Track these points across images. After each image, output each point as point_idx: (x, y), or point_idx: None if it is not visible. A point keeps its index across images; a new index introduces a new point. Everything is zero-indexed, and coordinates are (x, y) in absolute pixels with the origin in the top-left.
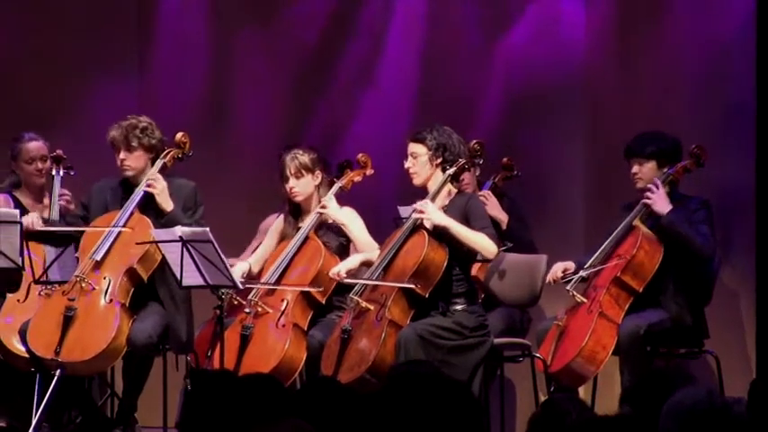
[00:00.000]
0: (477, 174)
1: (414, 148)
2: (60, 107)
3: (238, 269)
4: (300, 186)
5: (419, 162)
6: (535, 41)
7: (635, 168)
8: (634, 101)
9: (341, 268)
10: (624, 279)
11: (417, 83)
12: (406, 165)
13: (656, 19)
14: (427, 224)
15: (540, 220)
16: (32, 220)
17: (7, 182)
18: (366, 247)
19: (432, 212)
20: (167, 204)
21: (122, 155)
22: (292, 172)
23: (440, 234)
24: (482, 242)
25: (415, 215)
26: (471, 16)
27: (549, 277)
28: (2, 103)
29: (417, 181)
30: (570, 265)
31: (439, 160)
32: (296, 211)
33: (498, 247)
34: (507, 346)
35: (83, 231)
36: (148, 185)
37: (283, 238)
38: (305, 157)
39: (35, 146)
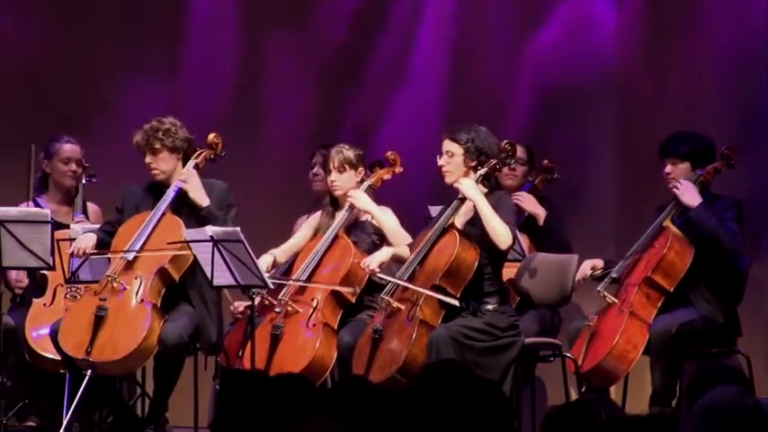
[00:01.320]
0: (517, 171)
1: (449, 146)
2: (91, 108)
3: (262, 263)
4: (342, 181)
5: (454, 161)
6: (566, 41)
7: (668, 168)
8: (664, 101)
9: (373, 261)
10: (655, 279)
11: (448, 81)
12: (440, 162)
13: (687, 19)
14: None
15: (570, 219)
16: (86, 245)
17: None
18: (398, 237)
19: (470, 185)
20: (203, 200)
21: (148, 158)
22: (336, 165)
23: (469, 233)
24: (500, 229)
25: (456, 183)
26: (502, 15)
27: (579, 275)
28: (34, 104)
29: (449, 179)
30: (599, 262)
31: (473, 163)
32: (335, 203)
33: (514, 242)
34: (538, 346)
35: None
36: (181, 180)
37: (318, 230)
38: (350, 153)
39: (72, 148)
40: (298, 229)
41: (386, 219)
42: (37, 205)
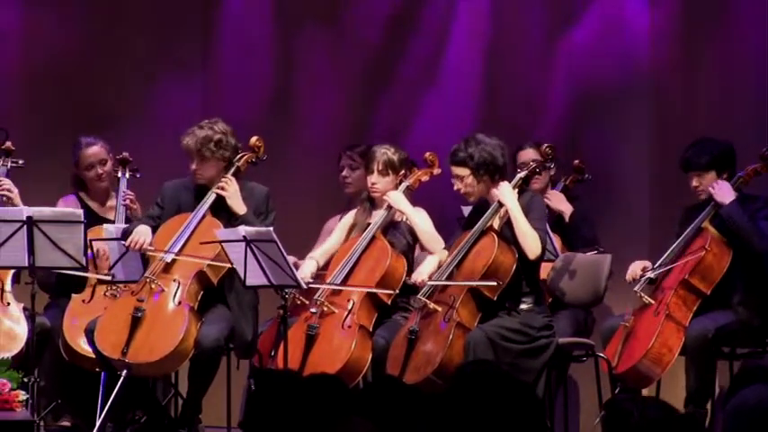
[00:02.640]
0: (551, 172)
1: (457, 170)
2: (126, 107)
3: (308, 269)
4: (382, 184)
5: (467, 183)
6: (599, 41)
7: (695, 182)
8: (698, 101)
9: (422, 274)
10: (692, 281)
11: (480, 82)
12: (455, 188)
13: (720, 20)
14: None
15: (604, 219)
16: (144, 240)
17: (72, 184)
18: (430, 239)
19: (506, 189)
20: (240, 207)
21: (195, 165)
22: (380, 168)
23: (506, 235)
24: (530, 238)
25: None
26: (535, 15)
27: (629, 276)
28: (69, 103)
29: (472, 199)
30: (648, 264)
31: (486, 177)
32: (372, 200)
33: (543, 251)
34: (572, 346)
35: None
36: (220, 188)
37: (353, 227)
38: (395, 156)
39: (92, 151)
40: (327, 230)
41: (419, 220)
42: (79, 199)
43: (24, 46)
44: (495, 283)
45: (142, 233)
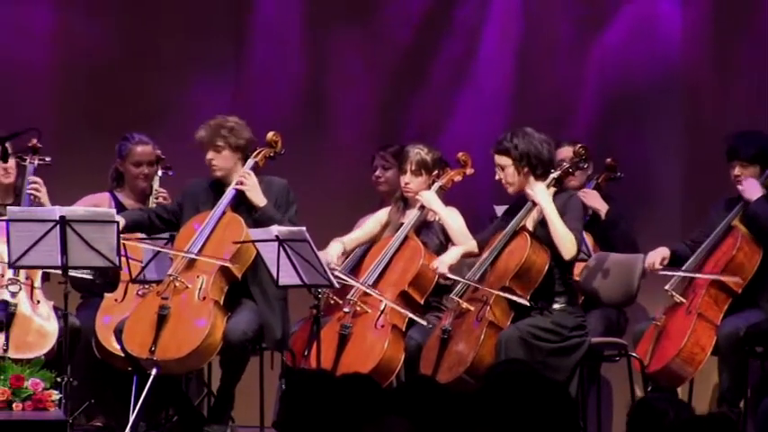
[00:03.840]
0: (588, 172)
1: (499, 159)
2: (158, 107)
3: (333, 250)
4: (415, 184)
5: (508, 173)
6: (631, 41)
7: (737, 170)
8: (729, 101)
9: (442, 264)
10: (723, 280)
11: (513, 82)
12: (497, 177)
13: (752, 19)
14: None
15: (636, 218)
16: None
17: (110, 180)
18: (463, 240)
19: (540, 190)
20: (259, 200)
21: (210, 155)
22: (413, 168)
23: (539, 235)
24: (565, 239)
25: (527, 189)
26: (567, 15)
27: (647, 264)
28: (102, 103)
29: (512, 190)
30: (666, 252)
31: (526, 169)
32: (406, 200)
33: (578, 252)
34: (604, 346)
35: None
36: (239, 182)
37: (387, 225)
38: (428, 156)
39: (144, 150)
40: (359, 227)
41: (452, 220)
42: (114, 198)
43: (56, 46)
44: (526, 303)
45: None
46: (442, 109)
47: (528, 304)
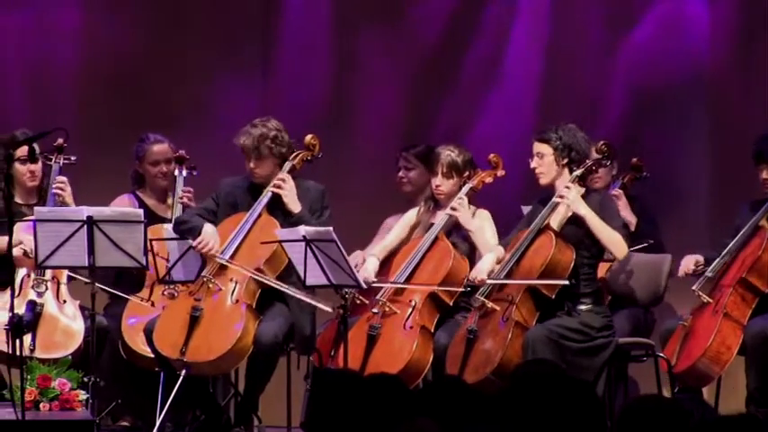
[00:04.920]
0: (614, 172)
1: (539, 147)
2: (187, 108)
3: (371, 266)
4: (446, 185)
5: (545, 162)
6: (659, 41)
7: (765, 174)
8: (757, 100)
9: (481, 272)
10: (750, 279)
11: (541, 81)
12: (532, 164)
13: None
14: (560, 206)
15: (664, 218)
16: (214, 245)
17: (131, 181)
18: (486, 251)
19: (574, 198)
20: (295, 206)
21: (253, 164)
22: (444, 171)
23: (565, 234)
24: (615, 240)
25: (555, 199)
26: (595, 15)
27: (681, 271)
28: (131, 104)
29: (544, 180)
30: (700, 258)
31: (565, 161)
32: (436, 200)
33: (629, 248)
34: (631, 346)
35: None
36: (276, 186)
37: (416, 227)
38: (459, 158)
39: (160, 149)
40: (386, 227)
41: (482, 238)
42: (137, 198)
43: (84, 46)
44: (558, 282)
45: (212, 236)
46: (470, 109)
47: (569, 283)
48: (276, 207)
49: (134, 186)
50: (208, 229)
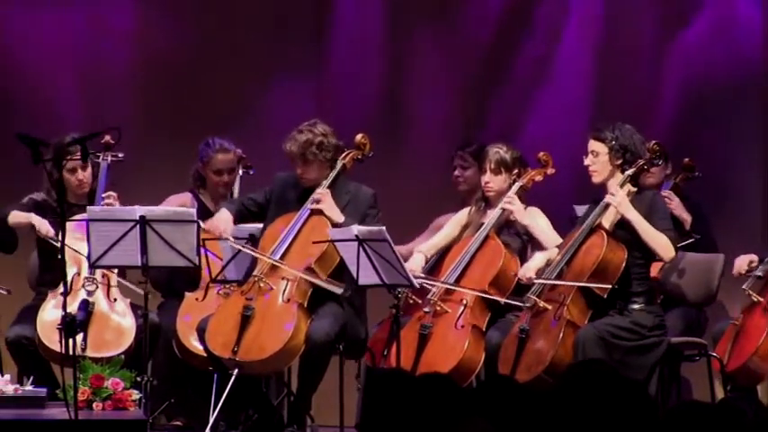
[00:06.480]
0: (667, 171)
1: (594, 145)
2: (242, 107)
3: (416, 263)
4: (496, 183)
5: (599, 161)
6: (712, 41)
7: None
8: None
9: (529, 270)
10: None
11: (593, 81)
12: (586, 162)
13: None
14: (612, 210)
15: (717, 218)
16: (223, 228)
17: (192, 180)
18: (553, 245)
19: (622, 200)
20: (337, 217)
21: (300, 169)
22: (492, 167)
23: (617, 235)
24: (662, 243)
25: (607, 198)
26: (648, 14)
27: (735, 270)
28: (184, 103)
29: (596, 179)
30: (755, 257)
31: (619, 162)
32: (487, 200)
33: (677, 250)
34: (684, 346)
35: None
36: (315, 201)
37: (467, 226)
38: (507, 155)
39: (224, 158)
40: (436, 226)
41: (540, 229)
42: (196, 197)
43: (138, 46)
44: (607, 286)
45: (219, 220)
46: (523, 108)
47: (612, 287)
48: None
49: (195, 185)
50: (221, 213)
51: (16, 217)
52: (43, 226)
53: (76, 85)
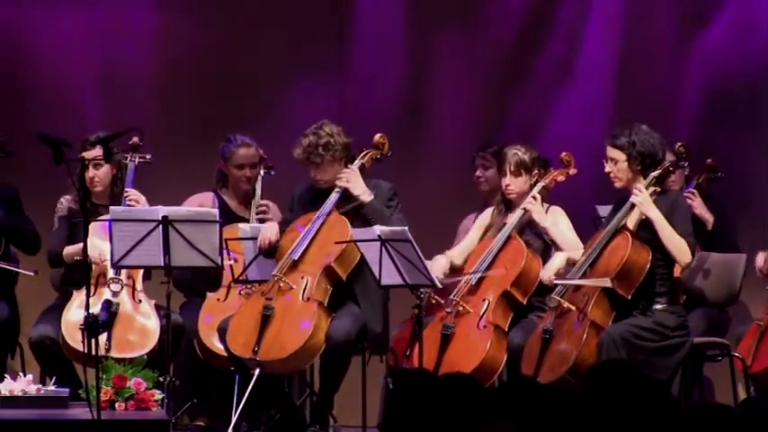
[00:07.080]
0: (686, 172)
1: (612, 153)
2: (263, 108)
3: (438, 266)
4: (516, 184)
5: (619, 168)
6: (733, 41)
7: None
8: None
9: (549, 271)
10: None
11: (614, 81)
12: (607, 168)
13: None
14: (636, 207)
15: (739, 218)
16: (271, 235)
17: (215, 180)
18: (571, 248)
19: (645, 200)
20: (365, 195)
21: (312, 172)
22: (512, 169)
23: (640, 235)
24: (679, 246)
25: (632, 198)
26: (669, 14)
27: (756, 266)
28: (206, 104)
29: (618, 185)
30: None
31: (639, 167)
32: (507, 202)
33: (693, 256)
34: (706, 346)
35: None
36: (338, 179)
37: (489, 228)
38: (526, 156)
39: (246, 153)
40: (464, 229)
41: (559, 232)
42: (218, 197)
43: (159, 47)
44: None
45: (270, 230)
46: (544, 108)
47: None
48: (356, 215)
49: (217, 185)
50: (268, 225)
51: (69, 253)
52: (95, 254)
53: (97, 87)
